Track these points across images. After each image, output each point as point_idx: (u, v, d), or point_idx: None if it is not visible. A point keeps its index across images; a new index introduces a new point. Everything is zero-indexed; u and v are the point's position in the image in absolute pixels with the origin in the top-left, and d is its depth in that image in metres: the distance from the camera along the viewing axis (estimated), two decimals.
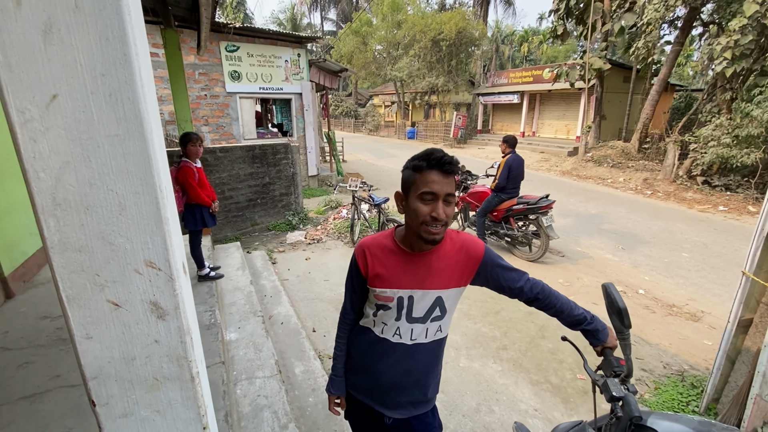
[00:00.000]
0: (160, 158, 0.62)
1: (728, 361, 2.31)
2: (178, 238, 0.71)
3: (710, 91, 11.42)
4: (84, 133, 0.56)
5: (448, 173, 1.11)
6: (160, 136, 0.64)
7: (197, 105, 7.40)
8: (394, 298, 1.19)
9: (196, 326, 0.79)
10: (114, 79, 0.56)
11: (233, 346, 2.86)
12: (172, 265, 0.64)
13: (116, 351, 0.65)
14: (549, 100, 19.61)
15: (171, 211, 0.67)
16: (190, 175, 3.23)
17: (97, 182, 0.58)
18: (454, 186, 1.13)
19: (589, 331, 1.25)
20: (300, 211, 6.59)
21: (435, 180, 1.09)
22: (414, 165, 1.15)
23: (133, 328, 0.65)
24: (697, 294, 4.28)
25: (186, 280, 0.74)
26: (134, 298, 0.63)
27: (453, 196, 1.12)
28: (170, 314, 0.67)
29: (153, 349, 0.67)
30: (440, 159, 1.11)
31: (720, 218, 7.37)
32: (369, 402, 1.31)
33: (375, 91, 33.17)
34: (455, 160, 1.16)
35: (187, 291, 0.73)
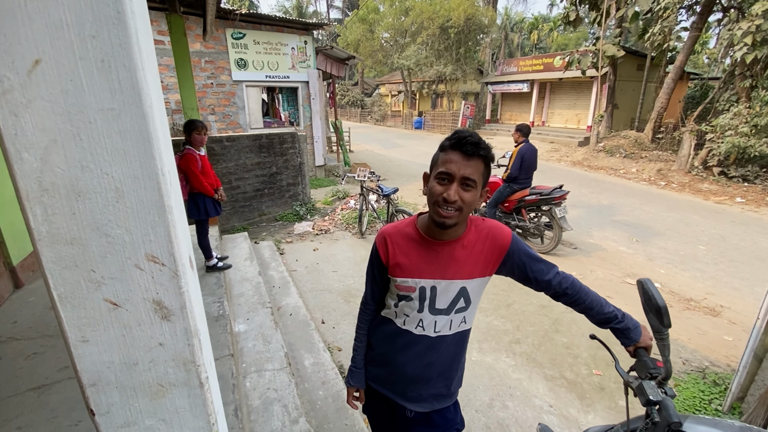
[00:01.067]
0: (162, 137, 0.54)
1: (755, 359, 2.21)
2: (184, 230, 0.63)
3: (728, 78, 11.06)
4: (73, 106, 0.48)
5: (470, 155, 1.03)
6: (161, 112, 0.56)
7: (203, 93, 7.32)
8: (416, 288, 1.14)
9: (205, 326, 0.72)
10: (106, 42, 0.47)
11: (242, 337, 2.81)
12: (177, 259, 0.57)
13: (116, 355, 0.58)
14: (559, 88, 19.20)
15: (176, 198, 0.59)
16: (192, 163, 3.16)
17: (89, 164, 0.50)
18: (478, 171, 1.05)
19: (620, 329, 1.17)
20: (307, 202, 6.52)
21: (453, 160, 1.04)
22: (441, 144, 1.09)
23: (134, 330, 0.58)
24: (715, 288, 4.15)
25: (193, 276, 0.66)
26: (135, 297, 0.56)
27: (473, 181, 1.04)
28: (176, 314, 0.59)
29: (157, 353, 0.60)
30: (462, 139, 1.04)
31: (737, 210, 7.17)
32: (390, 395, 1.27)
33: (382, 80, 32.79)
34: (483, 143, 1.06)
35: (195, 288, 0.66)
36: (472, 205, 1.07)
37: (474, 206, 1.08)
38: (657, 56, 13.07)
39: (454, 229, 1.10)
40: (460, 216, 1.06)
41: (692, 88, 15.82)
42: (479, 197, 1.10)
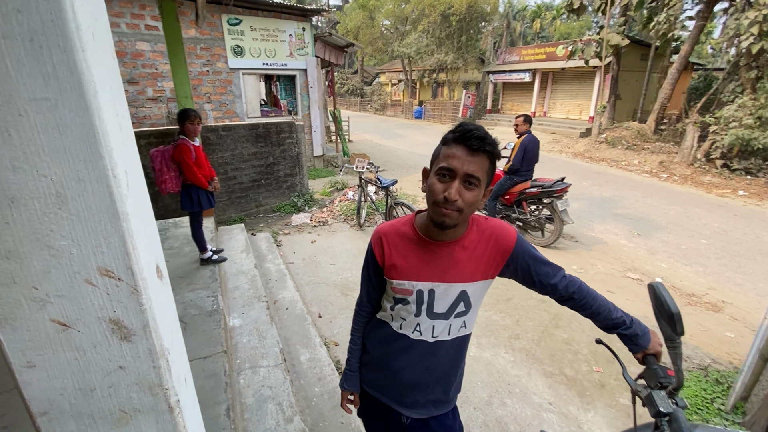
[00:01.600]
0: (114, 132, 0.46)
1: (761, 359, 2.16)
2: (148, 238, 0.56)
3: (733, 69, 10.87)
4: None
5: (475, 150, 0.94)
6: (114, 102, 0.48)
7: (199, 81, 7.16)
8: (413, 292, 1.07)
9: (179, 342, 0.64)
10: (35, 17, 0.39)
11: (236, 332, 2.76)
12: (136, 273, 0.49)
13: (69, 381, 0.51)
14: (562, 78, 18.95)
15: (135, 203, 0.51)
16: (186, 154, 3.06)
17: (22, 165, 0.42)
18: (482, 168, 0.96)
19: (628, 335, 1.11)
20: (305, 193, 6.43)
21: (456, 155, 0.95)
22: (443, 137, 1.01)
23: (89, 353, 0.50)
24: (717, 283, 4.10)
25: (161, 289, 0.59)
26: (88, 316, 0.49)
27: (476, 179, 0.95)
28: (137, 334, 0.52)
29: (118, 377, 0.53)
30: (467, 132, 0.95)
31: (740, 203, 7.10)
32: (385, 400, 1.21)
33: (382, 69, 32.38)
34: (490, 138, 0.97)
35: (163, 302, 0.58)
36: (475, 205, 0.99)
37: (477, 206, 1.00)
38: (661, 46, 12.83)
39: (455, 229, 1.03)
40: (461, 216, 0.98)
41: (696, 78, 15.61)
42: (482, 197, 1.02)
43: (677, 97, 12.96)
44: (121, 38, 6.26)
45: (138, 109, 6.63)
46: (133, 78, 6.51)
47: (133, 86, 6.54)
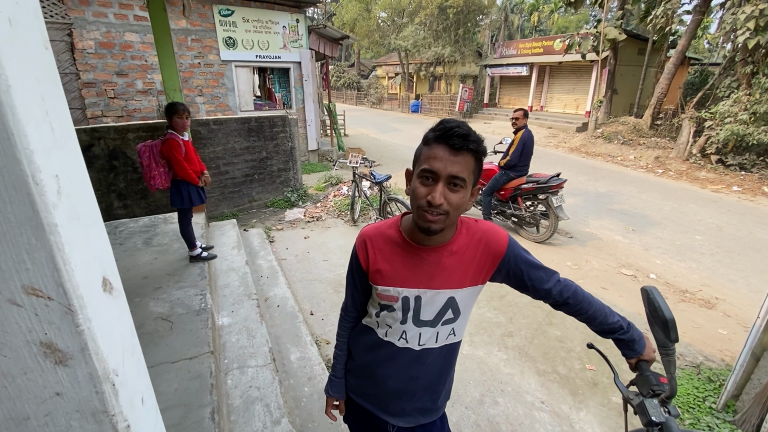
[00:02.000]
0: (36, 133, 0.40)
1: (753, 357, 2.14)
2: (90, 249, 0.50)
3: (729, 64, 10.84)
4: None
5: (458, 149, 0.88)
6: (45, 98, 0.42)
7: (190, 74, 7.03)
8: (398, 298, 1.02)
9: (135, 360, 0.59)
10: None
11: (225, 331, 2.71)
12: (69, 291, 0.44)
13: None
14: (559, 72, 18.87)
15: (71, 212, 0.46)
16: (175, 149, 2.99)
17: None
18: (467, 168, 0.90)
19: (625, 341, 1.07)
20: (299, 188, 6.36)
21: (438, 156, 0.89)
22: (424, 137, 0.95)
23: (19, 380, 0.45)
24: (710, 279, 4.10)
25: (108, 305, 0.54)
26: (15, 340, 0.44)
27: (461, 180, 0.89)
28: (75, 358, 0.47)
29: (55, 404, 0.48)
30: (448, 130, 0.89)
31: (734, 199, 7.10)
32: (371, 408, 1.17)
33: (378, 62, 32.10)
34: (474, 135, 0.91)
35: (108, 320, 0.53)
36: (461, 207, 0.94)
37: (464, 209, 0.95)
38: (659, 40, 12.78)
39: (442, 233, 0.98)
40: (448, 220, 0.93)
41: (692, 73, 15.57)
42: (470, 197, 0.97)
43: (674, 92, 12.93)
44: (109, 29, 6.11)
45: (128, 102, 6.51)
46: (122, 70, 6.37)
47: (123, 78, 6.41)
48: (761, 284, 3.98)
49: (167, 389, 1.91)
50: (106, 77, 6.28)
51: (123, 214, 4.67)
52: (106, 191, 4.55)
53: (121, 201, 4.68)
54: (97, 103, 6.32)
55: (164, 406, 1.82)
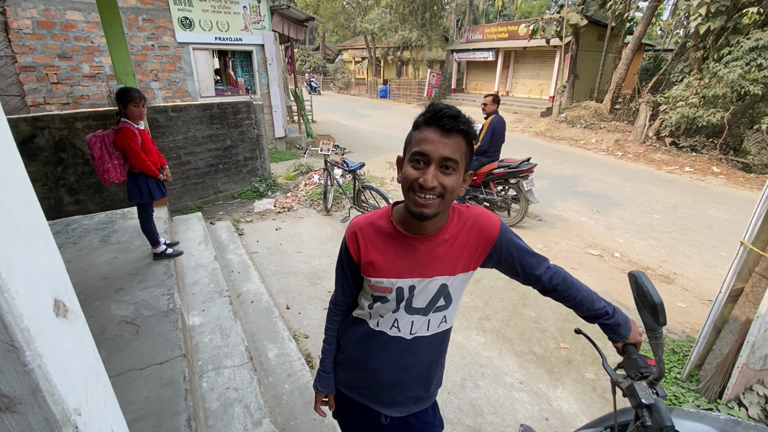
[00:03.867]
0: None
1: (714, 329, 2.28)
2: (36, 269, 0.41)
3: (681, 50, 11.40)
4: None
5: (449, 131, 0.87)
6: None
7: (143, 57, 6.53)
8: (392, 289, 1.01)
9: (100, 392, 0.51)
10: None
11: (197, 331, 2.58)
12: (10, 324, 0.35)
13: None
14: (524, 58, 19.18)
15: (4, 224, 0.36)
16: (131, 139, 2.75)
17: None
18: (459, 149, 0.89)
19: (610, 325, 1.10)
20: (267, 177, 6.13)
21: (429, 139, 0.88)
22: (415, 121, 0.93)
23: None
24: (669, 256, 4.35)
25: (64, 331, 0.45)
26: None
27: (454, 161, 0.88)
28: (25, 402, 0.38)
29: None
30: (438, 112, 0.88)
31: (686, 179, 7.56)
32: (362, 400, 1.16)
33: (344, 45, 31.37)
34: (464, 117, 0.90)
35: (65, 349, 0.44)
36: (455, 191, 0.92)
37: (457, 192, 0.93)
38: (617, 26, 13.21)
39: (435, 220, 0.96)
40: (442, 204, 0.91)
41: (647, 59, 16.29)
42: (462, 182, 0.95)
43: (631, 77, 13.48)
44: (47, 6, 5.54)
45: (73, 87, 5.97)
46: (64, 52, 5.81)
47: (66, 62, 5.85)
48: (714, 259, 4.27)
49: (136, 398, 1.78)
50: (47, 60, 5.71)
51: (75, 211, 4.32)
52: (55, 186, 4.18)
53: (73, 196, 4.32)
54: (39, 89, 5.75)
55: (135, 416, 1.70)
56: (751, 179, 7.50)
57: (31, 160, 3.99)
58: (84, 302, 2.55)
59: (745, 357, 2.04)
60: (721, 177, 7.63)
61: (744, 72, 7.81)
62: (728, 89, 8.11)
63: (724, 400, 2.17)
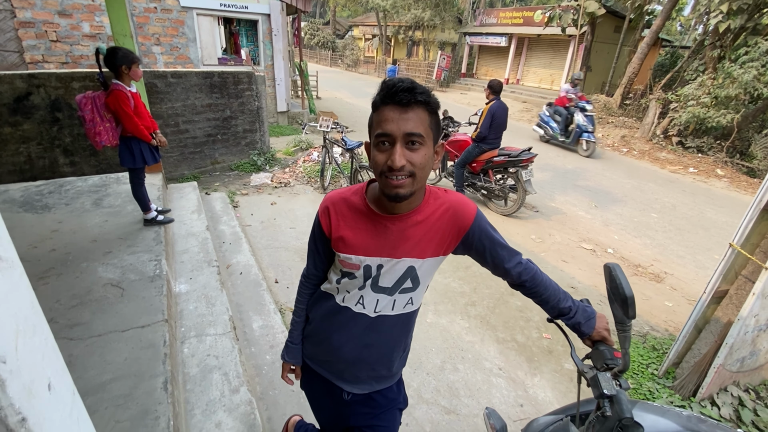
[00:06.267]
0: None
1: (695, 329, 2.29)
2: None
3: (698, 48, 11.11)
4: None
5: (406, 105, 0.83)
6: None
7: (146, 19, 6.37)
8: (360, 267, 1.00)
9: (38, 341, 0.50)
10: None
11: (183, 299, 2.60)
12: None
13: None
14: (537, 45, 18.73)
15: None
16: (123, 102, 2.70)
17: None
18: (422, 123, 0.86)
19: (570, 324, 1.10)
20: (266, 151, 6.08)
21: (389, 117, 0.84)
22: (372, 103, 0.89)
23: None
24: (662, 255, 4.34)
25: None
26: None
27: (418, 136, 0.85)
28: None
29: None
30: (391, 88, 0.84)
31: (689, 180, 7.48)
32: (326, 374, 1.17)
33: (355, 21, 30.63)
34: (420, 87, 0.86)
35: None
36: (427, 166, 0.89)
37: (430, 167, 0.91)
38: (635, 18, 12.84)
39: (409, 200, 0.94)
40: (415, 182, 0.89)
41: (663, 55, 15.89)
42: (435, 156, 0.92)
43: (645, 72, 13.19)
44: None
45: (72, 46, 5.85)
46: (65, 9, 5.67)
47: (66, 19, 5.71)
48: (707, 261, 4.27)
49: (116, 359, 1.81)
50: (46, 17, 5.58)
51: (70, 172, 4.30)
52: (50, 146, 4.15)
53: (68, 157, 4.29)
54: (37, 46, 5.64)
55: (113, 376, 1.73)
56: (755, 184, 7.43)
57: (26, 118, 3.95)
58: (72, 263, 2.56)
59: (722, 358, 2.05)
60: (725, 180, 7.55)
61: (759, 74, 7.62)
62: (741, 91, 7.95)
63: (698, 398, 2.20)
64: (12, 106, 3.85)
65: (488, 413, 1.43)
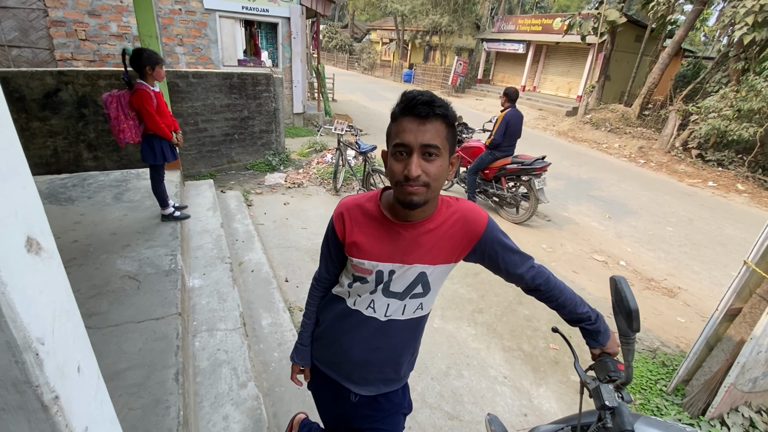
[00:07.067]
0: None
1: (706, 346, 2.25)
2: (9, 205, 0.44)
3: (722, 59, 10.88)
4: None
5: (425, 117, 0.86)
6: None
7: (170, 21, 6.56)
8: (372, 272, 1.02)
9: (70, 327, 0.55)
10: None
11: (196, 293, 2.67)
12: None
13: None
14: (555, 53, 18.58)
15: None
16: (146, 101, 2.80)
17: None
18: (439, 135, 0.88)
19: (590, 331, 1.11)
20: (281, 152, 6.18)
21: (407, 128, 0.87)
22: (391, 113, 0.92)
23: None
24: (676, 270, 4.26)
25: (35, 267, 0.48)
26: None
27: (435, 147, 0.87)
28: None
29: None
30: (412, 100, 0.87)
31: (708, 194, 7.32)
32: (334, 376, 1.19)
33: (373, 25, 30.85)
34: (439, 100, 0.89)
35: (35, 284, 0.48)
36: (441, 177, 0.92)
37: (444, 178, 0.93)
38: (657, 28, 12.64)
39: (423, 208, 0.96)
40: (430, 192, 0.91)
41: (685, 66, 15.59)
42: (449, 166, 0.95)
43: (665, 83, 12.97)
44: None
45: (100, 45, 6.06)
46: (94, 10, 5.88)
47: (95, 19, 5.93)
48: (723, 277, 4.17)
49: (131, 349, 1.88)
50: (76, 16, 5.79)
51: (93, 167, 4.45)
52: (75, 140, 4.30)
53: (92, 152, 4.44)
54: (67, 45, 5.86)
55: (128, 365, 1.79)
56: None
57: (54, 113, 4.10)
58: (92, 254, 2.66)
59: (733, 377, 2.02)
60: (745, 195, 7.37)
61: None
62: (765, 104, 7.75)
63: (707, 417, 2.16)
64: (41, 102, 4.01)
65: (490, 419, 1.45)
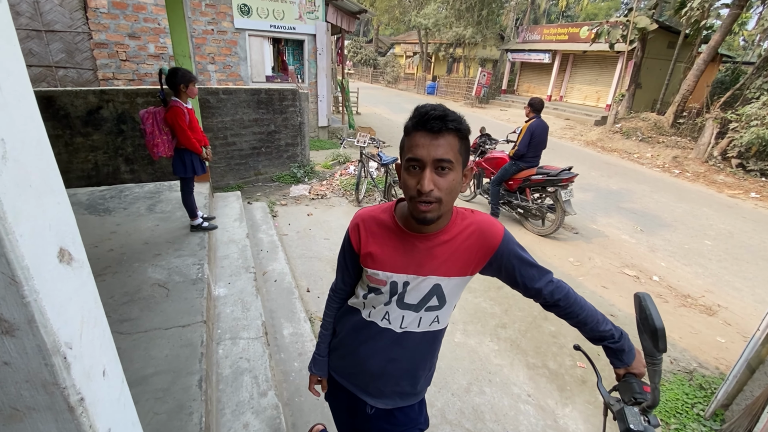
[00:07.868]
0: None
1: (747, 369, 2.11)
2: (43, 218, 0.48)
3: (762, 64, 10.35)
4: None
5: (438, 132, 0.87)
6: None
7: (203, 40, 6.92)
8: (387, 282, 1.03)
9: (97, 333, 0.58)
10: None
11: (221, 302, 2.75)
12: (12, 261, 0.42)
13: None
14: (582, 62, 18.23)
15: (19, 178, 0.43)
16: (180, 117, 2.96)
17: None
18: (452, 149, 0.89)
19: (614, 350, 1.05)
20: (306, 164, 6.32)
21: (420, 143, 0.88)
22: (404, 127, 0.93)
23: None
24: (715, 286, 4.02)
25: (65, 276, 0.52)
26: None
27: (448, 162, 0.87)
28: (21, 329, 0.46)
29: (4, 373, 0.47)
30: (424, 115, 0.87)
31: (750, 206, 6.90)
32: (351, 387, 1.19)
33: (397, 39, 31.35)
34: (452, 114, 0.89)
35: (64, 291, 0.51)
36: (454, 191, 0.92)
37: (457, 191, 0.94)
38: (692, 34, 12.19)
39: (436, 222, 0.97)
40: (442, 207, 0.92)
41: (723, 72, 14.91)
42: (462, 180, 0.95)
43: (701, 89, 12.43)
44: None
45: (139, 65, 6.46)
46: (134, 32, 6.29)
47: (135, 41, 6.33)
48: (767, 295, 3.90)
49: (158, 354, 1.95)
50: (118, 39, 6.21)
51: (130, 179, 4.70)
52: (114, 155, 4.57)
53: (129, 165, 4.70)
54: (109, 65, 6.28)
55: (154, 370, 1.86)
56: None
57: (95, 129, 4.39)
58: (125, 263, 2.79)
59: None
60: None
61: None
62: None
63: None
64: (84, 119, 4.30)
65: None
